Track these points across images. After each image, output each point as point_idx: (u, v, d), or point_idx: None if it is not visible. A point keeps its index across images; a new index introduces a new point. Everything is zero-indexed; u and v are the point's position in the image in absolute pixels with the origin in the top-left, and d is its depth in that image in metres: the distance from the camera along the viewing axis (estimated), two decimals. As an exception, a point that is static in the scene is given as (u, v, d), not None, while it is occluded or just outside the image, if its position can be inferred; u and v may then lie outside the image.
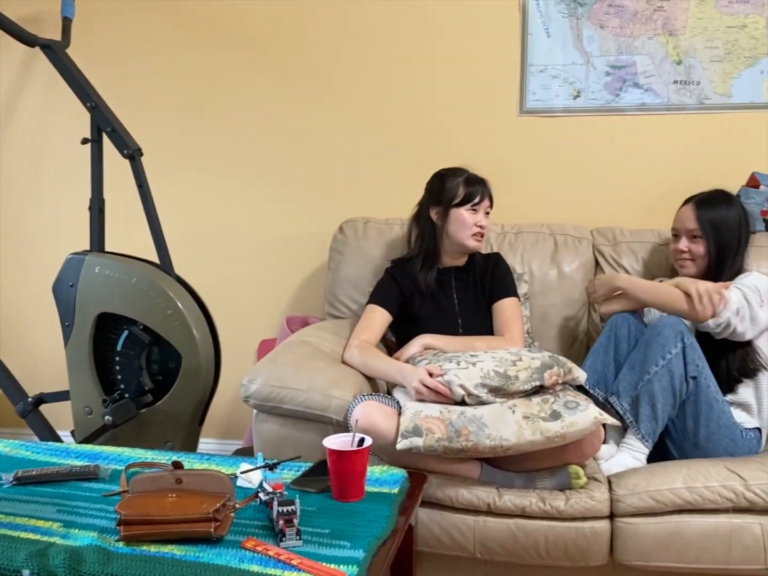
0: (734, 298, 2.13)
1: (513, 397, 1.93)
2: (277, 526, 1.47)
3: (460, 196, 2.35)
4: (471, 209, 2.35)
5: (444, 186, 2.38)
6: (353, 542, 1.48)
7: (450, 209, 2.36)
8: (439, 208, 2.38)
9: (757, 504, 1.89)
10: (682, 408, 2.11)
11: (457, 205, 2.35)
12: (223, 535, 1.46)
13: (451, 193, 2.36)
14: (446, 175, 2.41)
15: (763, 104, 2.67)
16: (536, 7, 2.73)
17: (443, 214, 2.37)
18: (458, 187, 2.36)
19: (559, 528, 1.93)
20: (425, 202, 2.43)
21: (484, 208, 2.38)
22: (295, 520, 1.48)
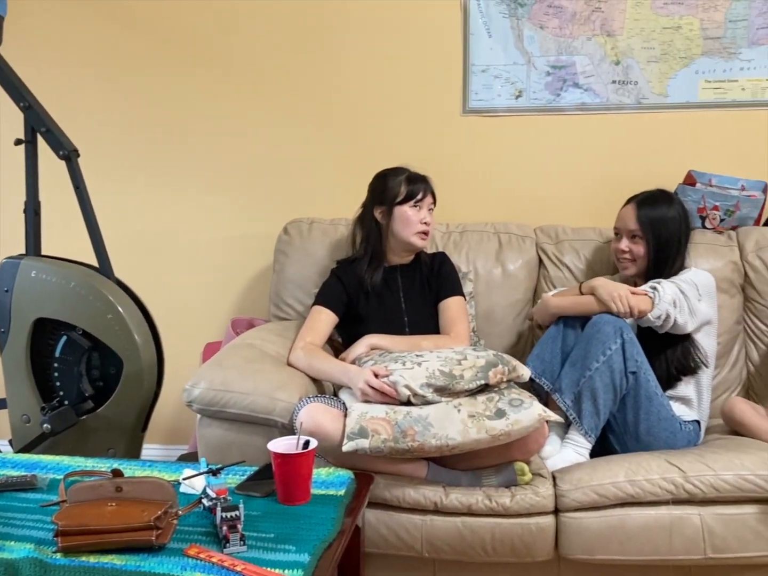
0: (669, 290, 2.18)
1: (458, 396, 1.94)
2: (221, 532, 1.45)
3: (403, 194, 2.36)
4: (414, 206, 2.36)
5: (386, 185, 2.38)
6: (299, 546, 1.47)
7: (394, 208, 2.36)
8: (383, 207, 2.38)
9: (695, 495, 1.93)
10: (623, 402, 2.15)
11: (400, 203, 2.36)
12: (165, 543, 1.44)
13: (393, 192, 2.36)
14: (387, 175, 2.42)
15: (698, 104, 2.73)
16: (477, 8, 2.75)
17: (387, 213, 2.37)
18: (400, 186, 2.36)
19: (505, 525, 1.94)
20: (368, 203, 2.43)
21: (427, 204, 2.39)
22: (239, 525, 1.46)
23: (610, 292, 2.19)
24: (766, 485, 1.92)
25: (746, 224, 2.65)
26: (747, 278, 2.56)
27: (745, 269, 2.56)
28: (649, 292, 2.19)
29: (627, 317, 2.16)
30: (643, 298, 2.18)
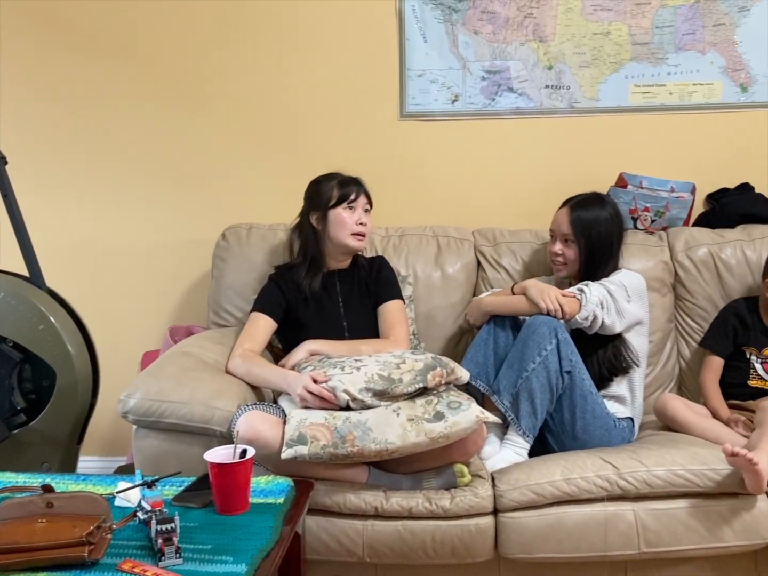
0: (596, 292, 2.23)
1: (398, 400, 1.95)
2: (156, 545, 1.43)
3: (335, 197, 2.37)
4: (348, 208, 2.37)
5: (319, 191, 2.39)
6: (236, 556, 1.46)
7: (328, 211, 2.37)
8: (318, 212, 2.38)
9: (629, 491, 1.98)
10: (559, 402, 2.19)
11: (333, 206, 2.36)
12: (99, 558, 1.41)
13: (326, 196, 2.37)
14: (321, 181, 2.43)
15: (628, 107, 2.80)
16: (412, 13, 2.76)
17: (322, 218, 2.37)
18: (332, 190, 2.38)
19: (445, 527, 1.96)
20: (305, 211, 2.44)
21: (362, 206, 2.40)
22: (174, 537, 1.44)
23: (540, 291, 2.23)
24: (696, 479, 1.97)
25: (676, 225, 2.72)
26: (677, 277, 2.63)
27: (676, 268, 2.63)
28: (577, 294, 2.23)
29: (557, 317, 2.20)
30: (572, 300, 2.22)
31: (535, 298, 2.23)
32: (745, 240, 2.61)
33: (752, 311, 2.47)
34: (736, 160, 2.80)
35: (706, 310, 2.59)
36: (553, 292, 2.22)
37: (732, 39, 2.71)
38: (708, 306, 2.59)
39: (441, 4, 2.75)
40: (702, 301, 2.60)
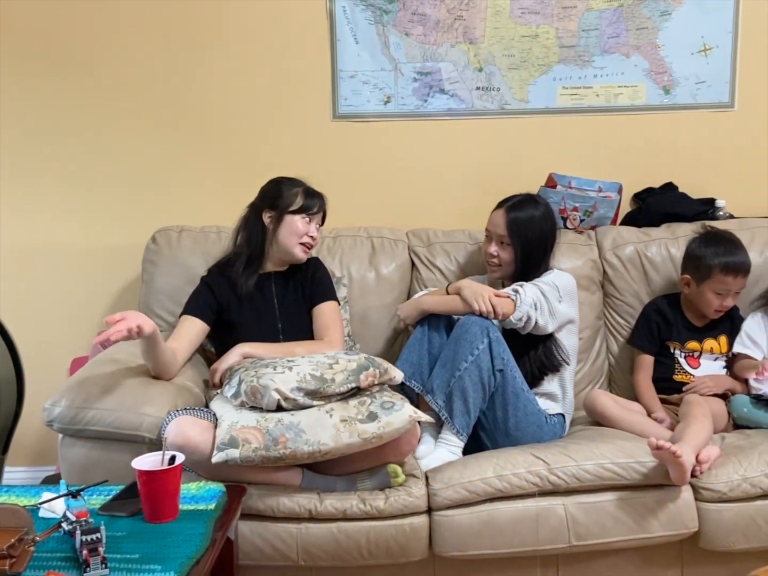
0: (530, 293, 2.26)
1: (331, 400, 1.95)
2: (81, 556, 1.41)
3: (298, 204, 2.35)
4: (305, 218, 2.35)
5: (281, 192, 2.37)
6: (165, 564, 1.44)
7: (285, 215, 2.34)
8: (274, 212, 2.36)
9: (559, 486, 2.01)
10: (492, 400, 2.22)
11: (293, 212, 2.34)
12: (21, 571, 1.38)
13: (288, 200, 2.35)
14: (284, 182, 2.40)
15: (556, 109, 2.85)
16: (343, 14, 2.76)
17: (276, 219, 2.35)
18: (297, 196, 2.36)
19: (379, 527, 1.96)
20: (258, 205, 2.39)
21: (317, 220, 2.40)
22: (100, 548, 1.42)
23: (474, 292, 2.25)
24: (623, 472, 2.02)
25: (604, 224, 2.78)
26: (606, 275, 2.69)
27: (604, 267, 2.69)
28: (512, 294, 2.26)
29: (490, 318, 2.23)
30: (506, 301, 2.25)
31: (468, 300, 2.25)
32: (670, 238, 2.68)
33: (674, 307, 2.54)
34: (660, 160, 2.88)
35: (634, 306, 2.65)
36: (486, 293, 2.24)
37: (654, 42, 2.78)
38: (635, 303, 2.65)
39: (372, 6, 2.76)
40: (629, 298, 2.66)
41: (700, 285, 2.44)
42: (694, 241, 2.52)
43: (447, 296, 2.35)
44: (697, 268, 2.45)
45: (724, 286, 2.41)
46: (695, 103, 2.83)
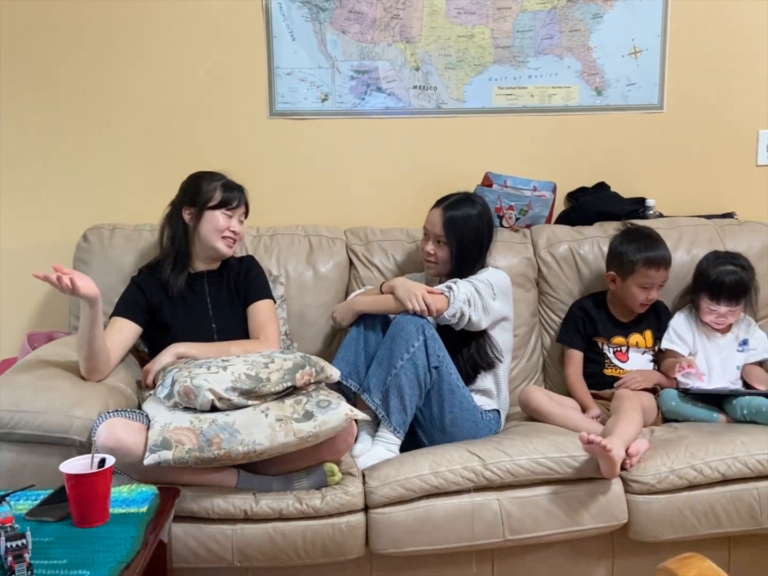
0: (463, 289, 2.29)
1: (266, 400, 1.93)
2: (6, 564, 1.38)
3: (217, 199, 2.32)
4: (226, 213, 2.32)
5: (200, 187, 2.33)
6: (93, 570, 1.42)
7: (205, 211, 2.32)
8: (193, 209, 2.32)
9: (494, 481, 2.04)
10: (428, 397, 2.23)
11: (212, 207, 2.31)
12: (-59, 581, 1.33)
13: (207, 195, 2.32)
14: (203, 177, 2.36)
15: (492, 109, 2.88)
16: (279, 11, 2.74)
17: (197, 216, 2.32)
18: (215, 191, 2.33)
19: (316, 526, 1.96)
20: (178, 202, 2.36)
21: (239, 214, 2.37)
22: (26, 554, 1.39)
23: (407, 291, 2.26)
24: (556, 467, 2.06)
25: (538, 222, 2.83)
26: (540, 273, 2.73)
27: (539, 265, 2.73)
28: (445, 291, 2.28)
29: (425, 315, 2.24)
30: (440, 297, 2.27)
31: (402, 299, 2.26)
32: (602, 236, 2.74)
33: (598, 305, 2.61)
34: (593, 160, 2.94)
35: (567, 304, 2.69)
36: (419, 292, 2.26)
37: (587, 45, 2.84)
38: (569, 300, 2.70)
39: (308, 3, 2.74)
40: (563, 296, 2.71)
41: (625, 280, 2.50)
42: (616, 238, 2.59)
43: (381, 296, 2.35)
44: (621, 265, 2.51)
45: (647, 279, 2.48)
46: (626, 104, 2.90)
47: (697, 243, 2.69)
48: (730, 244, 2.68)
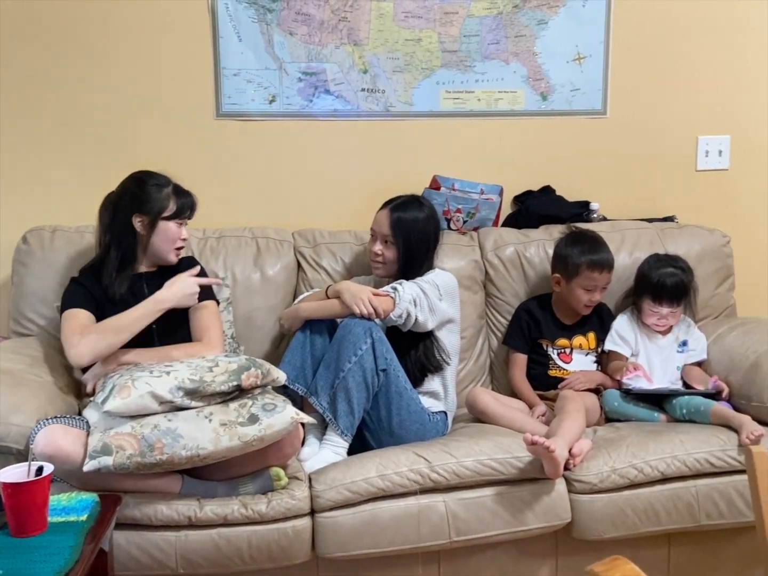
0: (409, 290, 2.30)
1: (210, 402, 1.91)
2: (-63, 577, 1.33)
3: (172, 209, 2.27)
4: (178, 223, 2.29)
5: (149, 194, 2.26)
6: (30, 581, 1.38)
7: (159, 221, 2.26)
8: (145, 217, 2.25)
9: (440, 483, 2.05)
10: (376, 400, 2.24)
11: (167, 218, 2.26)
12: None
13: (160, 204, 2.26)
14: (148, 181, 2.29)
15: (440, 112, 2.89)
16: (226, 11, 2.71)
17: (149, 225, 2.25)
18: (168, 199, 2.27)
19: (261, 531, 1.95)
20: (127, 208, 2.27)
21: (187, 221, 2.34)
22: (-42, 566, 1.34)
23: (353, 295, 2.26)
24: (501, 467, 2.08)
25: (486, 225, 2.85)
26: (487, 275, 2.76)
27: (486, 267, 2.76)
28: (391, 292, 2.29)
29: (372, 318, 2.24)
30: (386, 299, 2.28)
31: (348, 303, 2.25)
32: (547, 239, 2.78)
33: (543, 307, 2.64)
34: (539, 164, 2.97)
35: (514, 306, 2.72)
36: (365, 295, 2.25)
37: (532, 50, 2.88)
38: (515, 302, 2.73)
39: (255, 4, 2.72)
40: (510, 298, 2.74)
41: (569, 282, 2.54)
42: (561, 241, 2.62)
43: (327, 301, 2.34)
44: (566, 267, 2.55)
45: (591, 281, 2.52)
46: (571, 109, 2.94)
47: (639, 246, 2.75)
48: (671, 247, 2.74)
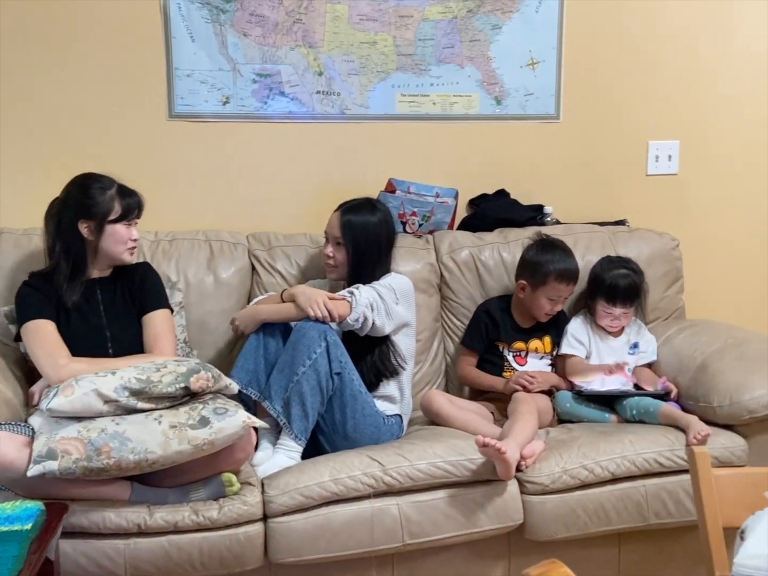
0: (365, 294, 2.30)
1: (158, 405, 1.88)
2: None
3: (118, 212, 2.22)
4: (126, 224, 2.25)
5: (94, 198, 2.21)
6: (-30, 592, 1.34)
7: (105, 225, 2.21)
8: (91, 222, 2.20)
9: (393, 486, 2.05)
10: (330, 403, 2.23)
11: (113, 221, 2.22)
12: None
13: (105, 208, 2.21)
14: (92, 185, 2.24)
15: (395, 115, 2.89)
16: (178, 11, 2.68)
17: (96, 230, 2.21)
18: (113, 201, 2.22)
19: (213, 538, 1.93)
20: (72, 214, 2.22)
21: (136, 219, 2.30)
22: None
23: (308, 298, 2.25)
24: (454, 470, 2.09)
25: (441, 228, 2.86)
26: (443, 278, 2.76)
27: (441, 270, 2.76)
28: (347, 296, 2.29)
29: (326, 321, 2.23)
30: (342, 303, 2.27)
31: (303, 307, 2.24)
32: (502, 242, 2.80)
33: (503, 309, 2.65)
34: (493, 167, 2.99)
35: (469, 309, 2.73)
36: (320, 298, 2.25)
37: (486, 54, 2.89)
38: (470, 305, 2.74)
39: (208, 4, 2.70)
40: (465, 301, 2.75)
41: (535, 291, 2.55)
42: (531, 248, 2.62)
43: (283, 305, 2.33)
44: (534, 275, 2.55)
45: (557, 292, 2.54)
46: (525, 114, 2.97)
47: (591, 249, 2.78)
48: (622, 250, 2.78)
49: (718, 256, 3.15)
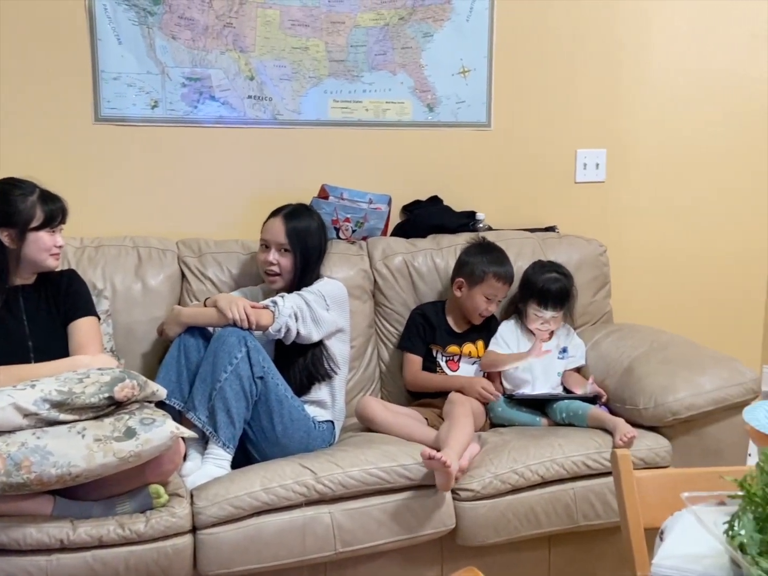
0: (289, 303, 2.28)
1: (82, 415, 1.83)
2: None
3: (40, 219, 2.15)
4: (50, 231, 2.18)
5: (14, 205, 2.13)
6: None
7: (27, 233, 2.14)
8: (12, 230, 2.13)
9: (326, 494, 2.04)
10: (256, 409, 2.20)
11: (36, 228, 2.15)
12: None
13: (26, 215, 2.13)
14: (12, 191, 2.16)
15: (328, 121, 2.89)
16: (104, 12, 2.62)
17: (18, 238, 2.13)
18: (35, 208, 2.14)
19: (139, 552, 1.88)
20: None
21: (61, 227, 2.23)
22: None
23: (228, 303, 2.24)
24: (387, 476, 2.08)
25: (374, 234, 2.86)
26: (376, 284, 2.76)
27: (375, 276, 2.76)
28: (270, 306, 2.27)
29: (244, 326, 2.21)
30: (263, 312, 2.25)
31: (223, 309, 2.23)
32: (435, 249, 2.81)
33: (437, 313, 2.67)
34: (426, 174, 3.01)
35: (402, 315, 2.74)
36: (241, 303, 2.24)
37: (419, 62, 2.91)
38: (404, 311, 2.75)
39: (135, 6, 2.64)
40: (398, 307, 2.76)
41: (472, 288, 2.58)
42: (470, 248, 2.67)
43: (205, 308, 2.32)
44: (472, 273, 2.59)
45: (493, 290, 2.58)
46: (456, 121, 2.99)
47: (522, 255, 2.81)
48: (551, 256, 2.82)
49: (643, 261, 3.23)
